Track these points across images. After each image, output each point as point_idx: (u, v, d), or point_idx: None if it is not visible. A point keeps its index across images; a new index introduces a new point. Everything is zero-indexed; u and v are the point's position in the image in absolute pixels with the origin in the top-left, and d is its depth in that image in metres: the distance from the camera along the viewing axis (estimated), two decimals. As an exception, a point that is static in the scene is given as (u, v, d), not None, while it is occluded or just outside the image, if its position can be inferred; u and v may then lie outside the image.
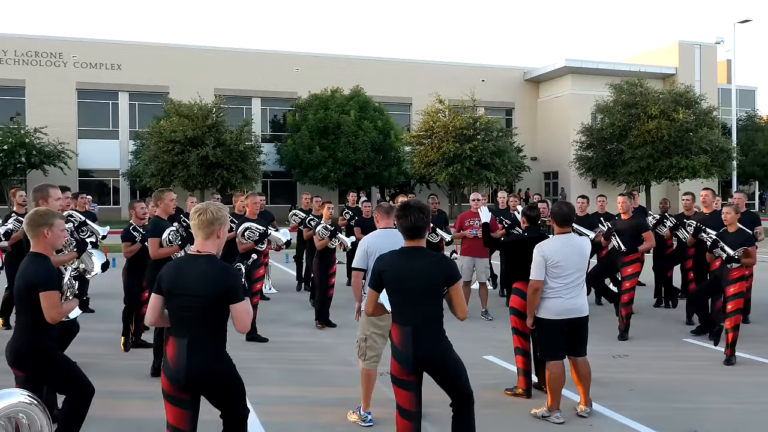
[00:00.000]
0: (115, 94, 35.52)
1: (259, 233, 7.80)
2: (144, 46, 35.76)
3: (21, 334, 3.87)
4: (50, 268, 3.93)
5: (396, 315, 4.00)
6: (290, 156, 33.30)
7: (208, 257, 3.48)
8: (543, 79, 42.33)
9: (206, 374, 3.42)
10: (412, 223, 3.95)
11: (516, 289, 5.96)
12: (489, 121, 34.18)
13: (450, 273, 3.95)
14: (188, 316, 3.42)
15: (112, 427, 5.20)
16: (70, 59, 34.42)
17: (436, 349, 3.93)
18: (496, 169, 33.28)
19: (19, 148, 29.65)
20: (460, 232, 9.65)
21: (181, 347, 3.41)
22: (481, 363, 7.06)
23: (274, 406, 5.68)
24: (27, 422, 2.68)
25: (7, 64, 33.56)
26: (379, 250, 5.32)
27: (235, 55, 36.74)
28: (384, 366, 5.75)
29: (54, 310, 3.81)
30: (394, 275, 3.95)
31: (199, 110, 30.63)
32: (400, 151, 34.70)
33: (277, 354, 7.51)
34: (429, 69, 39.71)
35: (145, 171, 30.14)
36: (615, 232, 8.47)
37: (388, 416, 5.40)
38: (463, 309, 3.99)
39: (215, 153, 29.29)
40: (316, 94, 34.41)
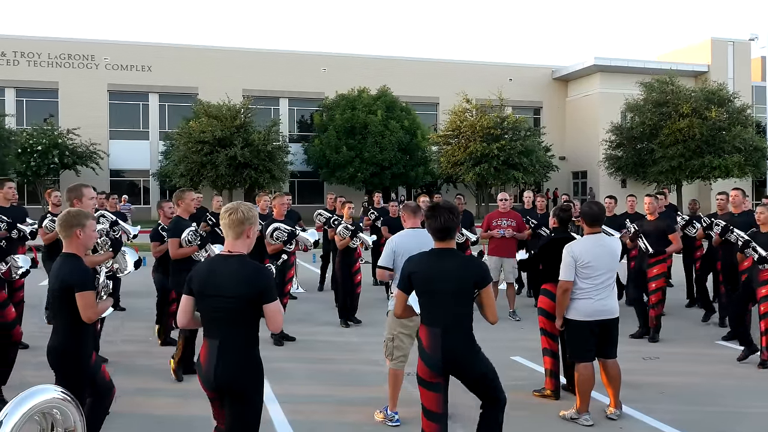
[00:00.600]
0: (146, 95, 36.04)
1: (287, 234, 7.83)
2: (173, 48, 36.22)
3: (59, 334, 3.93)
4: (84, 268, 3.97)
5: (425, 316, 3.96)
6: (317, 156, 33.46)
7: (239, 257, 3.47)
8: (571, 77, 41.91)
9: (235, 375, 3.39)
10: (442, 224, 3.91)
11: (544, 290, 5.90)
12: (517, 121, 33.96)
13: (481, 275, 3.91)
14: (220, 317, 3.41)
15: (141, 424, 5.27)
16: (102, 61, 35.01)
17: (465, 351, 3.89)
18: (524, 168, 33.05)
19: (53, 149, 30.24)
20: (487, 232, 9.61)
21: (213, 348, 3.40)
22: (509, 364, 7.01)
23: (302, 405, 5.71)
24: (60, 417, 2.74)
25: (41, 67, 34.25)
26: (406, 249, 5.32)
27: (263, 56, 37.03)
28: (411, 366, 5.75)
29: (90, 310, 3.86)
30: (424, 277, 3.92)
31: (228, 111, 30.92)
32: (427, 151, 34.65)
33: (304, 353, 7.55)
34: (456, 68, 39.58)
35: (175, 171, 30.52)
36: (641, 234, 8.36)
37: (415, 416, 5.39)
38: (493, 312, 3.95)
39: (243, 153, 29.53)
40: (343, 94, 34.52)
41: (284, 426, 5.19)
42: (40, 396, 2.69)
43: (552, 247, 5.81)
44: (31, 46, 34.15)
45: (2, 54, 33.74)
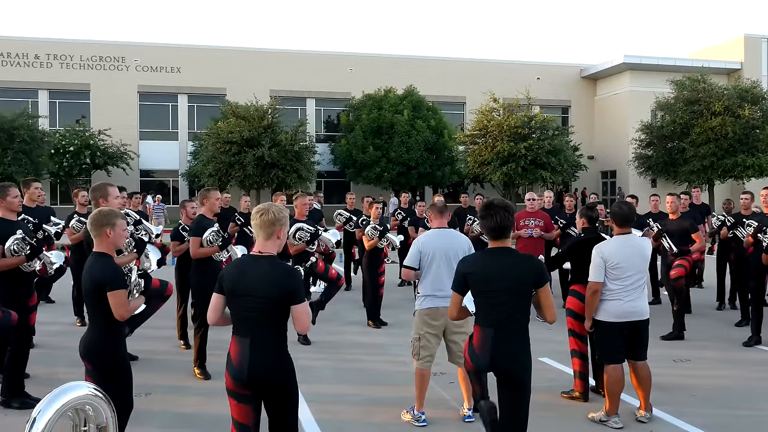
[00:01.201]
0: (175, 96, 36.47)
1: (310, 234, 7.85)
2: (202, 50, 36.61)
3: (94, 333, 4.00)
4: (115, 267, 4.03)
5: (480, 317, 3.90)
6: (344, 156, 33.56)
7: (269, 258, 3.51)
8: (600, 76, 41.41)
9: (268, 373, 3.45)
10: (498, 222, 3.83)
11: (573, 290, 5.85)
12: (544, 120, 33.65)
13: (539, 274, 3.83)
14: (251, 316, 3.46)
15: (172, 421, 5.34)
16: (132, 63, 35.53)
17: (517, 354, 3.83)
18: (552, 168, 32.75)
19: (85, 150, 30.76)
20: (515, 231, 9.55)
21: (244, 346, 3.45)
22: (537, 365, 6.92)
23: (329, 404, 5.73)
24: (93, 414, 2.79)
25: (73, 69, 34.88)
26: (432, 249, 5.33)
27: (290, 57, 37.23)
28: (438, 366, 5.74)
29: (122, 308, 3.92)
30: (481, 277, 3.84)
31: (255, 111, 31.15)
32: (454, 151, 34.52)
33: (331, 352, 7.57)
34: (483, 67, 39.38)
35: (203, 171, 30.84)
36: (665, 233, 8.27)
37: (442, 416, 5.39)
38: (552, 312, 3.87)
39: (271, 153, 29.73)
40: (369, 94, 34.56)
41: (312, 425, 5.22)
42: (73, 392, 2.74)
43: (581, 248, 5.76)
44: (63, 48, 34.80)
45: (36, 57, 34.43)
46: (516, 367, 3.81)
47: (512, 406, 3.85)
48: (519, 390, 3.83)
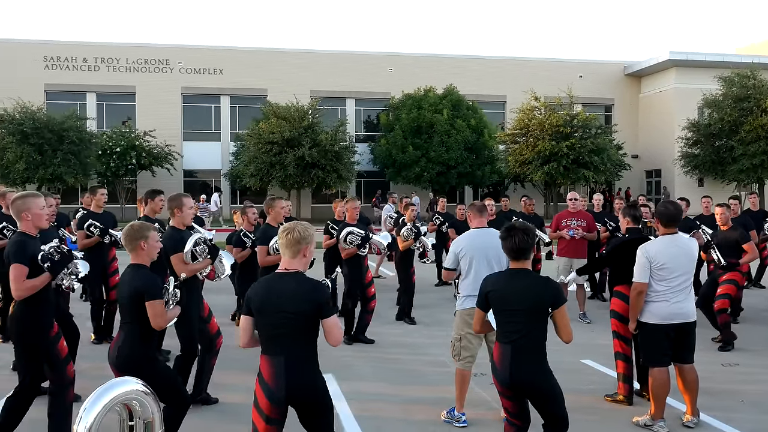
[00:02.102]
0: (217, 97, 37.01)
1: (361, 238, 7.86)
2: (244, 51, 37.08)
3: (129, 344, 4.08)
4: (153, 277, 4.14)
5: (499, 334, 4.02)
6: (384, 156, 33.59)
7: (295, 274, 3.57)
8: (645, 73, 40.55)
9: (306, 390, 3.49)
10: (517, 244, 3.96)
11: (617, 291, 5.74)
12: (587, 118, 33.14)
13: (556, 296, 3.92)
14: (282, 333, 3.49)
15: (214, 416, 5.42)
16: (176, 65, 36.18)
17: (535, 371, 3.89)
18: (595, 167, 32.22)
19: (130, 151, 31.48)
20: (557, 232, 9.43)
21: (278, 365, 3.46)
22: (579, 367, 6.86)
23: (368, 403, 5.75)
24: (139, 409, 2.86)
25: (119, 72, 35.69)
26: (471, 249, 5.30)
27: (330, 57, 37.43)
28: (478, 367, 5.70)
29: (160, 318, 4.02)
30: (499, 296, 3.98)
31: (296, 112, 31.41)
32: (494, 150, 34.24)
33: (371, 351, 7.60)
34: (524, 66, 38.96)
35: (245, 171, 31.23)
36: (714, 245, 8.01)
37: (482, 417, 5.36)
38: (568, 332, 3.95)
39: (311, 153, 29.94)
40: (409, 94, 34.53)
41: (351, 423, 5.25)
42: (121, 387, 2.82)
43: (625, 248, 5.65)
44: (110, 52, 35.63)
45: (84, 60, 35.36)
46: (535, 380, 3.89)
47: (549, 416, 3.94)
48: (548, 400, 3.90)
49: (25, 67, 33.64)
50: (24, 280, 4.42)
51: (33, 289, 4.47)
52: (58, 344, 4.64)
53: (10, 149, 27.19)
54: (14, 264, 4.41)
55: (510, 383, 3.90)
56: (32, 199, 4.65)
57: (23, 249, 4.46)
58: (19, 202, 4.63)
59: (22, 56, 33.82)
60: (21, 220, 4.62)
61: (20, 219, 4.62)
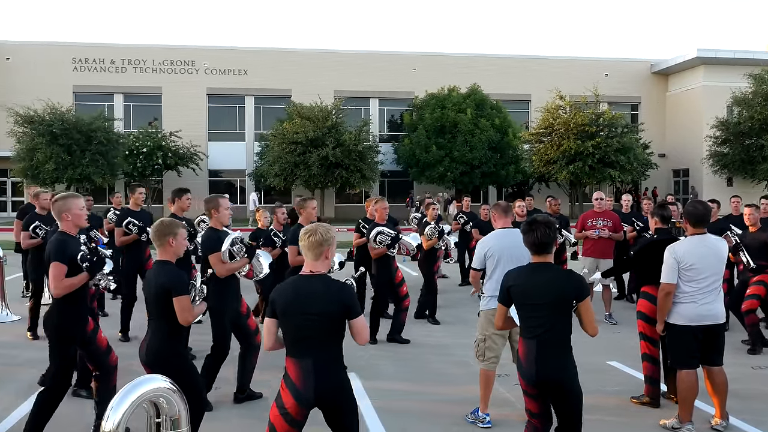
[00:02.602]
0: (242, 98, 37.29)
1: (391, 238, 7.86)
2: (268, 52, 37.31)
3: (157, 339, 4.14)
4: (180, 273, 4.20)
5: (523, 329, 3.97)
6: (407, 155, 33.58)
7: (320, 277, 3.56)
8: (672, 71, 40.00)
9: (334, 392, 3.50)
10: (539, 238, 3.92)
11: (644, 292, 5.67)
12: (613, 117, 32.79)
13: (579, 289, 3.87)
14: (308, 335, 3.48)
15: (250, 412, 5.46)
16: (201, 66, 36.54)
17: (562, 368, 3.83)
18: (621, 166, 31.88)
19: (157, 151, 31.85)
20: (582, 232, 9.34)
21: (307, 367, 3.45)
22: (605, 369, 6.79)
23: (392, 402, 5.75)
24: (166, 406, 2.89)
25: (146, 73, 36.15)
26: (497, 249, 5.28)
27: (354, 58, 37.51)
28: (502, 368, 5.68)
29: (187, 313, 4.07)
30: (521, 291, 3.93)
31: (320, 112, 31.54)
32: (519, 149, 34.05)
33: (395, 351, 7.60)
34: (548, 64, 38.66)
35: (269, 171, 31.43)
36: (743, 247, 7.85)
37: (506, 418, 5.33)
38: (593, 326, 3.89)
39: (335, 153, 30.04)
40: (432, 94, 34.47)
41: (375, 422, 5.25)
42: (148, 385, 2.85)
43: (653, 248, 5.58)
44: (137, 53, 36.10)
45: (111, 62, 35.86)
46: (562, 378, 3.82)
47: (566, 415, 3.87)
48: (570, 401, 3.84)
49: (55, 69, 34.24)
50: (63, 278, 4.53)
51: (71, 288, 4.57)
52: (97, 338, 4.80)
53: (40, 150, 27.68)
54: (54, 262, 4.52)
55: (536, 380, 3.84)
56: (72, 200, 4.77)
57: (63, 248, 4.58)
58: (60, 202, 4.75)
59: (51, 58, 34.43)
60: (62, 220, 4.73)
61: (61, 219, 4.73)
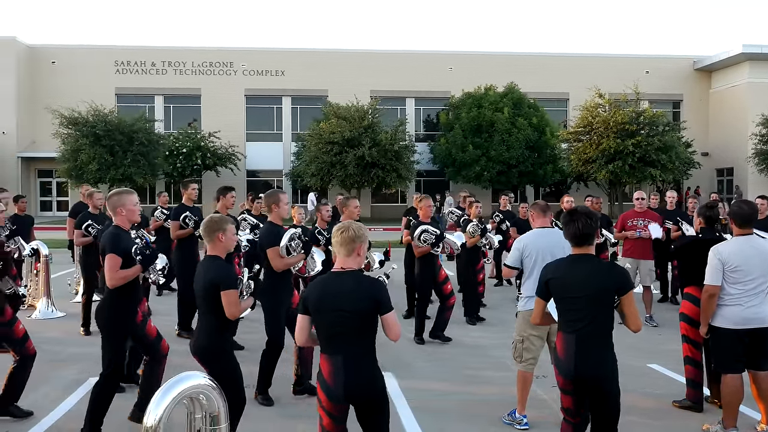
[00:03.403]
0: (279, 98, 37.64)
1: (435, 236, 7.85)
2: (305, 53, 37.58)
3: (206, 334, 4.26)
4: (228, 268, 4.29)
5: (562, 324, 3.87)
6: (443, 155, 33.47)
7: (352, 273, 3.57)
8: (716, 67, 39.03)
9: (365, 389, 3.50)
10: (580, 229, 3.81)
11: (687, 294, 5.54)
12: (654, 115, 32.15)
13: (622, 281, 3.75)
14: (340, 332, 3.50)
15: (287, 410, 5.51)
16: (239, 68, 37.00)
17: (602, 363, 3.72)
18: (662, 165, 31.23)
19: (196, 151, 32.38)
20: (622, 232, 9.19)
21: (337, 364, 3.49)
22: (646, 372, 6.67)
23: (429, 402, 5.74)
24: (206, 403, 2.93)
25: (185, 74, 36.76)
26: (535, 249, 5.22)
27: (390, 57, 37.54)
28: (540, 369, 5.61)
29: (234, 307, 4.16)
30: (560, 283, 3.83)
31: (356, 112, 31.64)
32: (557, 149, 33.64)
33: (431, 350, 7.57)
34: (587, 62, 38.09)
35: (306, 171, 31.66)
36: None
37: (544, 419, 5.27)
38: (636, 321, 3.76)
39: (371, 153, 30.11)
40: (469, 93, 34.29)
41: (411, 422, 5.24)
42: (188, 382, 2.90)
43: (696, 249, 5.45)
44: (177, 55, 36.75)
45: (152, 64, 36.57)
46: (601, 375, 3.71)
47: (602, 415, 3.76)
48: (607, 400, 3.73)
49: (98, 71, 35.10)
50: (117, 270, 4.72)
51: (125, 279, 4.76)
52: (146, 328, 4.98)
53: (83, 151, 28.38)
54: (109, 254, 4.72)
55: (574, 375, 3.73)
56: (126, 196, 4.98)
57: (118, 241, 4.77)
58: (115, 198, 4.95)
59: (94, 61, 35.30)
60: (116, 215, 4.92)
61: (115, 214, 4.93)
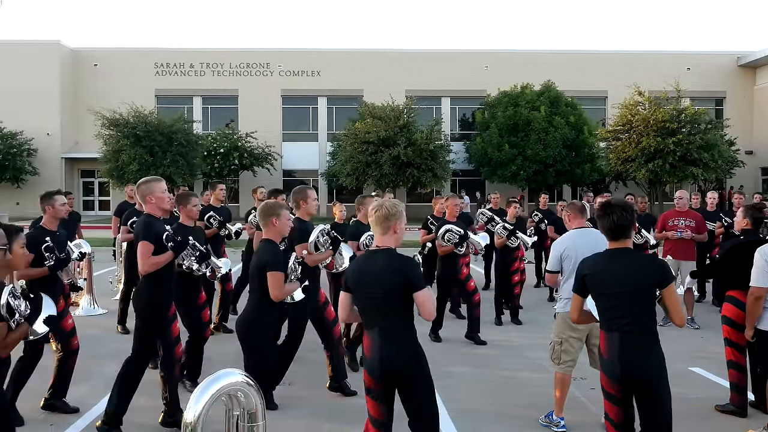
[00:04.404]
0: (315, 99, 37.92)
1: (459, 236, 7.82)
2: (340, 53, 37.77)
3: (250, 308, 4.54)
4: (278, 251, 4.49)
5: (602, 321, 3.76)
6: (479, 154, 33.30)
7: (386, 251, 3.64)
8: (761, 63, 38.00)
9: (399, 362, 3.54)
10: (615, 222, 3.70)
11: (730, 297, 5.40)
12: (696, 113, 31.46)
13: (662, 275, 3.63)
14: (375, 306, 3.59)
15: (320, 409, 5.54)
16: (276, 69, 37.38)
17: (649, 362, 3.58)
18: (704, 164, 30.55)
19: (233, 152, 32.85)
20: (663, 232, 9.01)
21: (374, 339, 3.59)
22: (687, 375, 6.53)
23: (464, 403, 5.71)
24: (244, 400, 2.96)
25: (223, 76, 37.30)
26: (574, 250, 5.14)
27: (425, 57, 37.49)
28: (578, 371, 5.54)
29: (277, 289, 4.36)
30: (598, 278, 3.73)
31: (391, 111, 31.68)
32: (595, 147, 33.17)
33: (466, 351, 7.54)
34: (626, 59, 37.47)
35: (342, 171, 31.83)
36: None
37: (582, 422, 5.21)
38: (679, 314, 3.64)
39: (406, 152, 30.13)
40: (505, 91, 34.02)
41: (447, 423, 5.22)
42: (227, 379, 2.92)
43: (741, 251, 5.31)
44: (214, 57, 37.29)
45: (191, 66, 37.19)
46: (649, 373, 3.58)
47: (652, 415, 3.61)
48: (657, 397, 3.59)
49: (138, 73, 35.84)
50: (150, 256, 4.82)
51: (157, 265, 4.85)
52: (172, 325, 5.04)
53: (124, 151, 29.01)
54: (141, 242, 4.82)
55: (620, 376, 3.60)
56: (155, 184, 5.04)
57: (149, 228, 4.86)
58: (143, 186, 5.04)
59: (135, 64, 36.06)
60: (146, 203, 5.00)
61: (145, 202, 5.01)
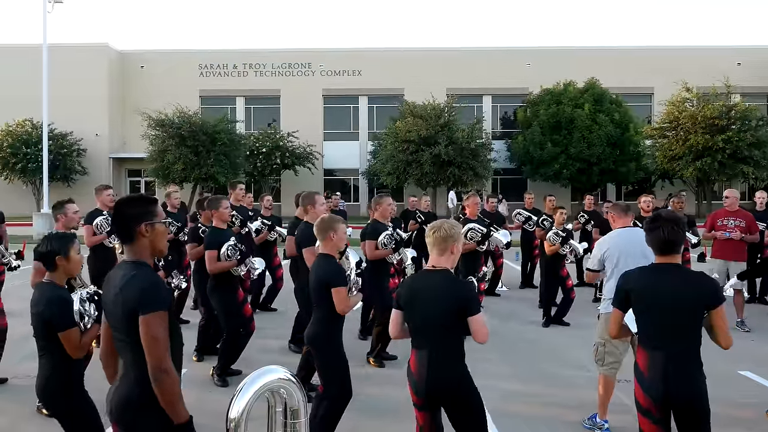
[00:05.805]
0: (356, 98, 38.09)
1: (481, 234, 7.78)
2: (381, 52, 37.85)
3: (318, 323, 4.55)
4: (338, 267, 4.54)
5: (644, 338, 3.51)
6: (521, 153, 32.98)
7: (442, 272, 3.61)
8: (815, 57, 36.73)
9: (445, 384, 3.52)
10: (665, 236, 3.48)
11: (783, 298, 5.24)
12: (746, 109, 30.56)
13: (712, 294, 3.41)
14: (426, 328, 3.57)
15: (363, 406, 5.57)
16: (317, 69, 37.67)
17: (692, 386, 3.36)
18: (755, 162, 29.66)
19: (275, 151, 33.25)
20: (711, 232, 8.78)
21: (422, 359, 3.56)
22: (737, 379, 6.36)
23: (505, 403, 5.67)
24: (286, 396, 3.00)
25: (266, 76, 37.76)
26: (618, 250, 5.07)
27: (466, 55, 37.28)
28: (622, 373, 5.45)
29: (343, 304, 4.41)
30: (644, 294, 3.50)
31: (432, 110, 31.61)
32: (640, 145, 32.51)
33: (508, 351, 7.48)
34: (672, 55, 36.59)
35: (382, 170, 31.89)
36: None
37: (627, 425, 5.12)
38: (727, 337, 3.44)
39: (447, 151, 30.03)
40: (548, 89, 33.61)
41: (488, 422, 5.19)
42: (270, 375, 2.97)
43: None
44: (257, 57, 37.78)
45: (234, 67, 37.75)
46: (695, 396, 3.36)
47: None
48: (699, 420, 3.38)
49: (183, 75, 36.56)
50: (216, 262, 6.02)
51: (222, 269, 6.05)
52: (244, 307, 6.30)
53: (170, 151, 29.62)
54: (207, 251, 6.06)
55: (662, 398, 3.37)
56: (220, 201, 6.31)
57: (216, 239, 6.06)
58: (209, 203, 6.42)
59: (180, 65, 36.78)
60: (213, 218, 6.29)
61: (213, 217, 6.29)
